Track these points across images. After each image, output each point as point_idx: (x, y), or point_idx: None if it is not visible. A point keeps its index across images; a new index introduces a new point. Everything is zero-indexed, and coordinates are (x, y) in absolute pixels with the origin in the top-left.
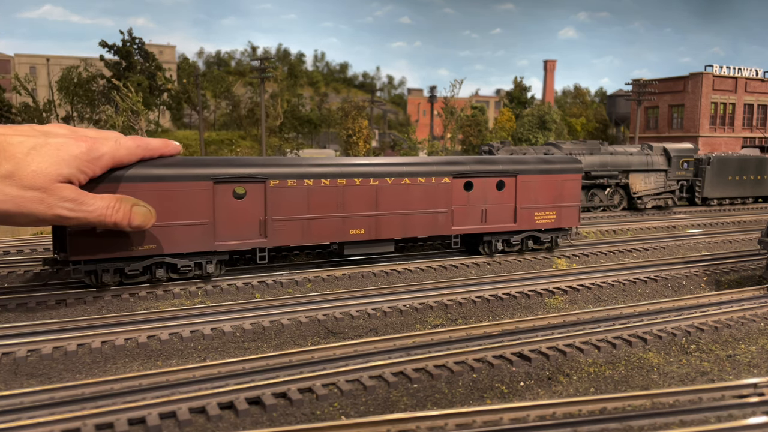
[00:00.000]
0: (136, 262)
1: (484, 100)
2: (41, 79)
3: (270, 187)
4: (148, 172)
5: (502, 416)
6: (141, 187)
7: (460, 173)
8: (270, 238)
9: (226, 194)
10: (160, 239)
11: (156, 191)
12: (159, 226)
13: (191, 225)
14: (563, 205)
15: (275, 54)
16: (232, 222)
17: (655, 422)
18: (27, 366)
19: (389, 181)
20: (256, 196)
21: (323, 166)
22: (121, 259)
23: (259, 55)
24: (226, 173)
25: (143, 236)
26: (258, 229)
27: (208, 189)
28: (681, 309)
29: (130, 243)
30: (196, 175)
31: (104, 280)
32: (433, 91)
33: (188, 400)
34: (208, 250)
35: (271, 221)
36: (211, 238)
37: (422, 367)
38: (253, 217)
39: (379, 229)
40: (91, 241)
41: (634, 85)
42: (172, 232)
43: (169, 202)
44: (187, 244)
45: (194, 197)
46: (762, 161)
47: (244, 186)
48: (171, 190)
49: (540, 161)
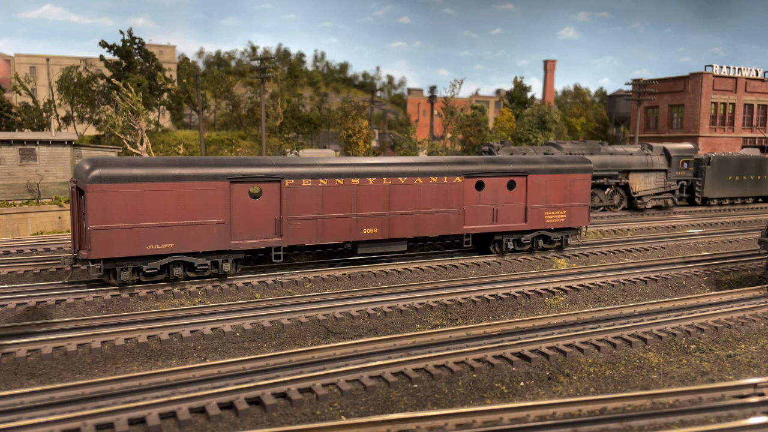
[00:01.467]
0: (153, 261)
1: (484, 100)
2: (41, 79)
3: (285, 187)
4: (165, 171)
5: (502, 416)
6: (158, 186)
7: (472, 173)
8: (285, 237)
9: (242, 194)
10: (178, 238)
11: (173, 190)
12: (176, 225)
13: (208, 224)
14: (573, 205)
15: (275, 54)
16: (248, 221)
17: (655, 422)
18: (27, 366)
19: (402, 180)
20: (271, 196)
21: (337, 166)
22: (139, 258)
23: (259, 55)
24: (243, 173)
25: (161, 235)
26: (273, 228)
27: (225, 188)
28: (681, 309)
29: (148, 241)
30: (213, 175)
31: (123, 278)
32: (433, 91)
33: (188, 400)
34: (224, 249)
35: (287, 220)
36: (227, 237)
37: (422, 367)
38: (269, 216)
39: (392, 229)
40: (110, 239)
41: (634, 85)
42: (189, 231)
43: (186, 202)
44: (204, 242)
45: (211, 197)
46: (762, 161)
47: (260, 185)
48: (188, 189)
49: (550, 161)
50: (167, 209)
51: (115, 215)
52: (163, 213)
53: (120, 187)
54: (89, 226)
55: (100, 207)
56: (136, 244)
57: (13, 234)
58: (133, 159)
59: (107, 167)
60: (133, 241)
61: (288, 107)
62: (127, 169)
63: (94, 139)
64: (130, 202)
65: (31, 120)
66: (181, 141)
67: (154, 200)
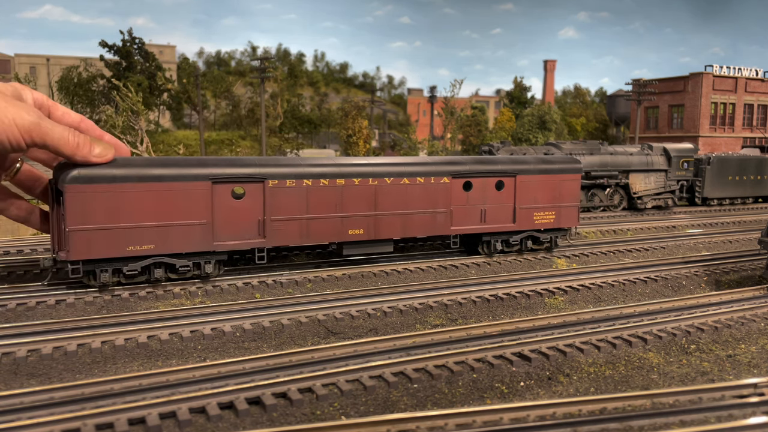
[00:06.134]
0: (134, 262)
1: (484, 100)
2: (41, 79)
3: (269, 187)
4: (145, 172)
5: (502, 416)
6: (138, 187)
7: (459, 173)
8: (269, 239)
9: (224, 194)
10: (159, 239)
11: (154, 191)
12: (157, 225)
13: (190, 225)
14: (562, 205)
15: (275, 54)
16: (230, 222)
17: (655, 422)
18: (27, 366)
19: (388, 181)
20: (254, 196)
21: (322, 166)
22: (119, 259)
23: (259, 55)
24: (225, 173)
25: (142, 236)
26: (257, 229)
27: (207, 189)
28: (681, 309)
29: (129, 242)
30: (195, 175)
31: (102, 279)
32: (433, 91)
33: (188, 400)
34: (206, 251)
35: (270, 221)
36: (209, 238)
37: (422, 367)
38: (252, 217)
39: (378, 229)
40: (89, 240)
41: (634, 85)
42: (170, 232)
43: (167, 202)
44: (185, 244)
45: (192, 197)
46: (762, 161)
47: (243, 186)
48: (169, 190)
49: (539, 161)
50: (148, 210)
51: (94, 216)
52: (143, 214)
53: (99, 188)
54: (67, 227)
55: (78, 208)
56: (116, 245)
57: (12, 234)
58: (114, 159)
59: (86, 167)
60: (112, 242)
61: (288, 107)
62: (106, 169)
63: None
64: (110, 202)
65: None
66: (181, 141)
67: (135, 201)
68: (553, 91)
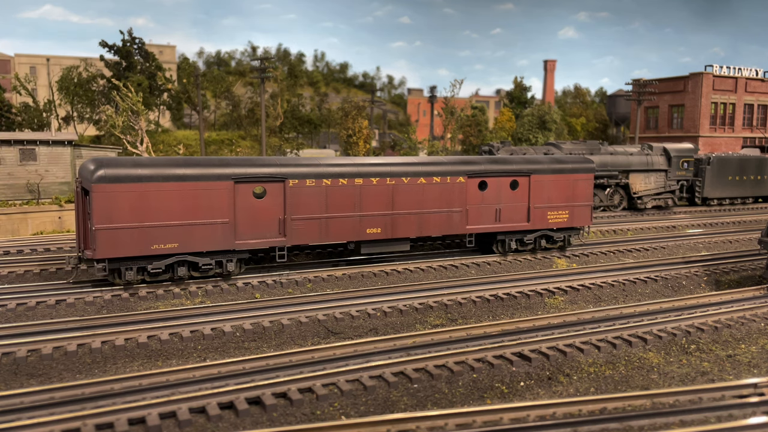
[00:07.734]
0: (158, 261)
1: (484, 100)
2: (41, 79)
3: (289, 187)
4: (170, 171)
5: (502, 416)
6: (163, 186)
7: (475, 173)
8: (289, 237)
9: (246, 193)
10: (182, 238)
11: (178, 190)
12: (181, 224)
13: (212, 224)
14: (576, 205)
15: (275, 54)
16: (252, 221)
17: (655, 422)
18: (27, 366)
19: (405, 180)
20: (275, 196)
21: (341, 166)
22: (144, 258)
23: (259, 55)
24: (247, 173)
25: (166, 235)
26: (277, 228)
27: (229, 188)
28: (681, 309)
29: (153, 241)
30: (218, 175)
31: (127, 278)
32: (433, 91)
33: (188, 400)
34: (228, 249)
35: (290, 220)
36: (231, 237)
37: (422, 367)
38: (273, 216)
39: (395, 228)
40: (115, 239)
41: (634, 85)
42: (193, 230)
43: (190, 202)
44: (208, 242)
45: (215, 197)
46: (762, 161)
47: (264, 185)
48: (193, 189)
49: (553, 161)
50: (172, 209)
51: (120, 215)
52: (167, 213)
53: (125, 187)
54: (94, 225)
55: (105, 207)
56: (141, 244)
57: (13, 234)
58: (138, 159)
59: (112, 167)
60: (137, 241)
61: (288, 107)
62: (131, 169)
63: (94, 139)
64: (135, 201)
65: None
66: (181, 141)
67: (159, 200)
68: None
